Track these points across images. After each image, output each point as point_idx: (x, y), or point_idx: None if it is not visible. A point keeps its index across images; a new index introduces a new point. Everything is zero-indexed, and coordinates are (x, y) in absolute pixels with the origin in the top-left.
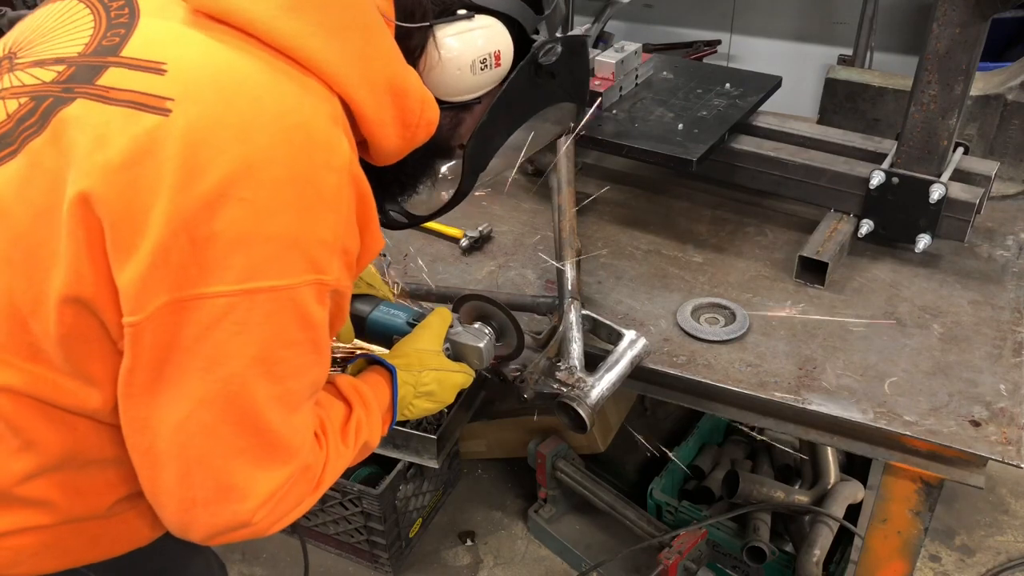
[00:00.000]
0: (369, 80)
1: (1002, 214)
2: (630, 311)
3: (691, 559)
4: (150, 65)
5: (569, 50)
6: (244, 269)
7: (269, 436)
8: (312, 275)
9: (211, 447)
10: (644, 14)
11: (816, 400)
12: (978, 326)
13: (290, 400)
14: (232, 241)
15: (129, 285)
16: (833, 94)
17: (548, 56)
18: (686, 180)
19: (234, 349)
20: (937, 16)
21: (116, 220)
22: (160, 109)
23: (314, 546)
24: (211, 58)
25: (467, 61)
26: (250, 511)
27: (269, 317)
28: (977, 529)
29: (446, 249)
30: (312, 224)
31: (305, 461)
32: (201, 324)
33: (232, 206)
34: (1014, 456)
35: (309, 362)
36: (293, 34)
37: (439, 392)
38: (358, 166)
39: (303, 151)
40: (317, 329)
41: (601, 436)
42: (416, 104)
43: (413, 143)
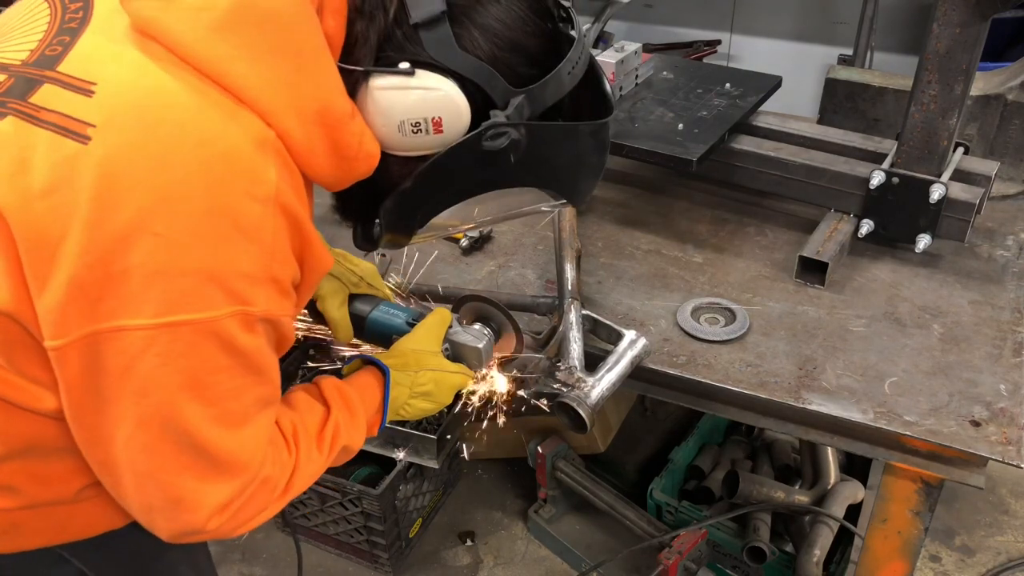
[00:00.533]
0: (297, 108)
1: (1002, 214)
2: (630, 311)
3: (691, 559)
4: (81, 85)
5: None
6: (162, 303)
7: (211, 454)
8: (235, 307)
9: (156, 464)
10: (644, 14)
11: (816, 400)
12: (978, 326)
13: (230, 419)
14: (148, 276)
15: (47, 312)
16: (833, 94)
17: (494, 142)
18: (686, 180)
19: (161, 379)
20: (937, 16)
21: (31, 247)
22: (81, 136)
23: (314, 546)
24: (139, 81)
25: (395, 120)
26: (202, 520)
27: (193, 348)
28: (977, 529)
29: (446, 249)
30: (231, 257)
31: (261, 473)
32: (125, 354)
33: (146, 240)
34: (1014, 456)
35: (246, 383)
36: (217, 59)
37: (436, 392)
38: (290, 194)
39: (222, 182)
40: (249, 355)
41: (601, 436)
42: (353, 137)
43: (352, 175)
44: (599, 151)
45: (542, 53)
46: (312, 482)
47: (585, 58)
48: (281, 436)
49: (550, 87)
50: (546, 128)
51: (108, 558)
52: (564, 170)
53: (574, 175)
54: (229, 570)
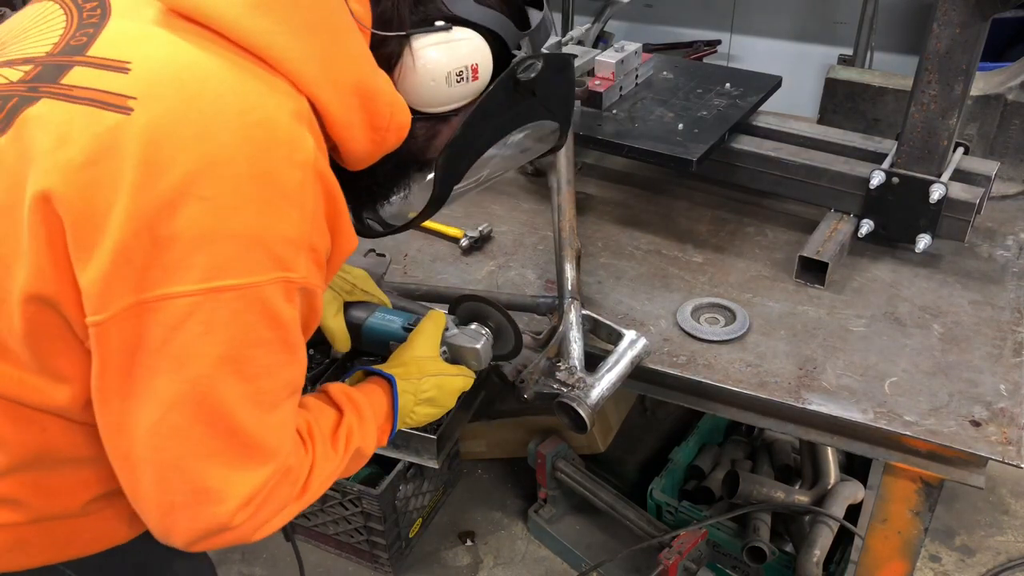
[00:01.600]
0: (334, 80)
1: (1002, 214)
2: (630, 311)
3: (691, 559)
4: (114, 64)
5: (552, 68)
6: (207, 268)
7: (243, 436)
8: (278, 272)
9: (185, 450)
10: (644, 14)
11: (816, 400)
12: (978, 326)
13: (263, 400)
14: (194, 240)
15: (91, 285)
16: (833, 94)
17: (527, 72)
18: (686, 180)
19: (201, 349)
20: (937, 16)
21: (77, 219)
22: (122, 108)
23: (314, 546)
24: (176, 56)
25: (442, 72)
26: (229, 513)
27: (235, 316)
28: (977, 529)
29: (446, 249)
30: (275, 221)
31: (286, 462)
32: (166, 325)
33: (193, 204)
34: (1014, 456)
35: (281, 361)
36: (259, 32)
37: (440, 397)
38: (325, 163)
39: (265, 148)
40: (287, 328)
41: (601, 436)
42: (385, 108)
43: (383, 147)
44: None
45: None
46: (328, 486)
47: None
48: (298, 434)
49: (542, 28)
50: (554, 58)
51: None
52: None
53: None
54: (229, 570)
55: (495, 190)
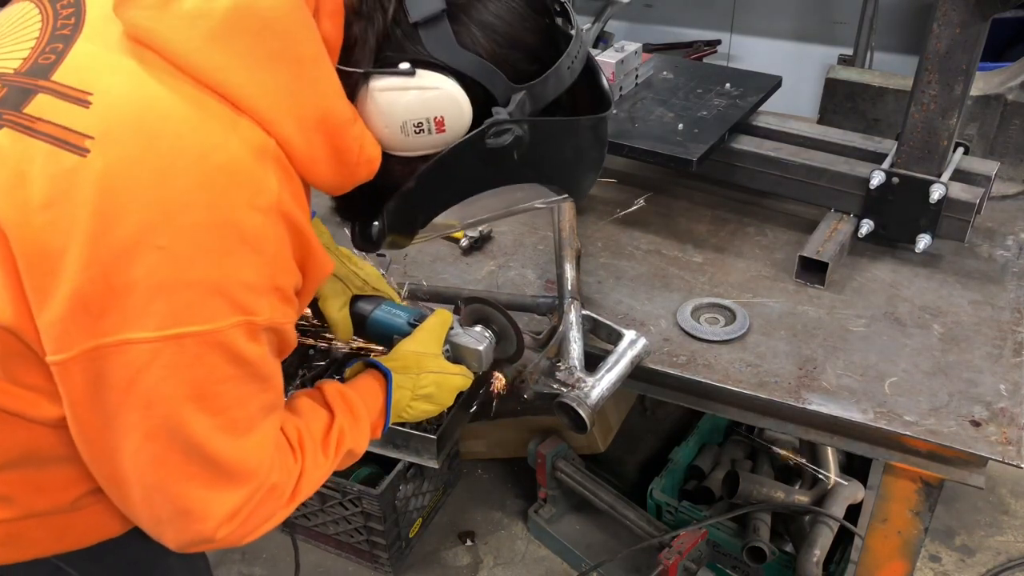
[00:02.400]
0: (297, 116)
1: (1002, 214)
2: (630, 311)
3: (691, 559)
4: (77, 95)
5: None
6: (166, 316)
7: (218, 463)
8: (239, 317)
9: (164, 475)
10: (644, 14)
11: (816, 400)
12: (978, 326)
13: (236, 427)
14: (152, 288)
15: (49, 327)
16: (833, 94)
17: (497, 139)
18: (686, 180)
19: (166, 390)
20: (937, 16)
21: (31, 261)
22: (79, 148)
23: (314, 546)
24: (136, 91)
25: (397, 121)
26: (211, 529)
27: (198, 359)
28: (977, 529)
29: (446, 249)
30: (235, 268)
31: (268, 480)
32: (130, 367)
33: (150, 254)
34: (1014, 456)
35: (251, 391)
36: (213, 68)
37: (438, 394)
38: (291, 202)
39: (224, 194)
40: (253, 363)
41: (601, 436)
42: (353, 142)
43: (354, 180)
44: (598, 145)
45: (541, 49)
46: (318, 487)
47: (583, 53)
48: (287, 442)
49: (551, 82)
50: (548, 124)
51: (106, 566)
52: (566, 165)
53: (575, 170)
54: (229, 570)
55: None
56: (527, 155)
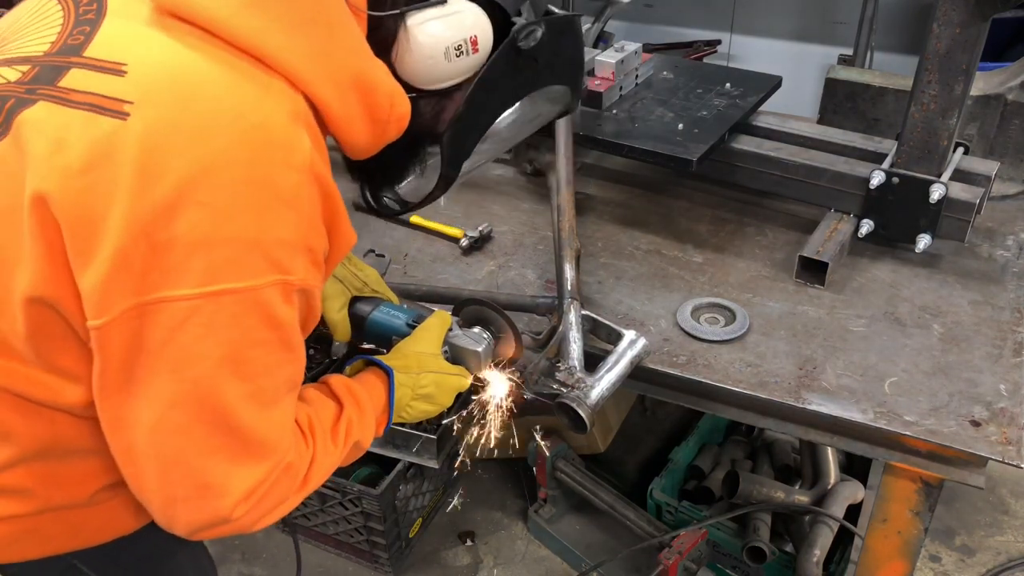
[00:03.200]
0: (333, 76)
1: (1002, 214)
2: (630, 311)
3: (691, 559)
4: (111, 66)
5: (555, 31)
6: (205, 272)
7: (243, 433)
8: (276, 275)
9: (186, 446)
10: (644, 14)
11: (816, 400)
12: (978, 326)
13: (263, 397)
14: (192, 244)
15: (91, 289)
16: (833, 94)
17: (528, 40)
18: (686, 180)
19: (201, 351)
20: (937, 16)
21: (74, 225)
22: (118, 112)
23: (314, 546)
24: (171, 59)
25: (440, 49)
26: (229, 507)
27: (234, 318)
28: (977, 529)
29: (446, 249)
30: (272, 225)
31: (286, 458)
32: (166, 327)
33: (190, 210)
34: (1014, 456)
35: (280, 360)
36: (253, 31)
37: (437, 394)
38: (322, 164)
39: (261, 151)
40: (286, 328)
41: (601, 436)
42: (385, 99)
43: (385, 138)
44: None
45: None
46: (327, 477)
47: None
48: (299, 428)
49: None
50: (556, 21)
51: (118, 564)
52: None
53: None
54: (229, 570)
55: (495, 190)
56: (548, 56)
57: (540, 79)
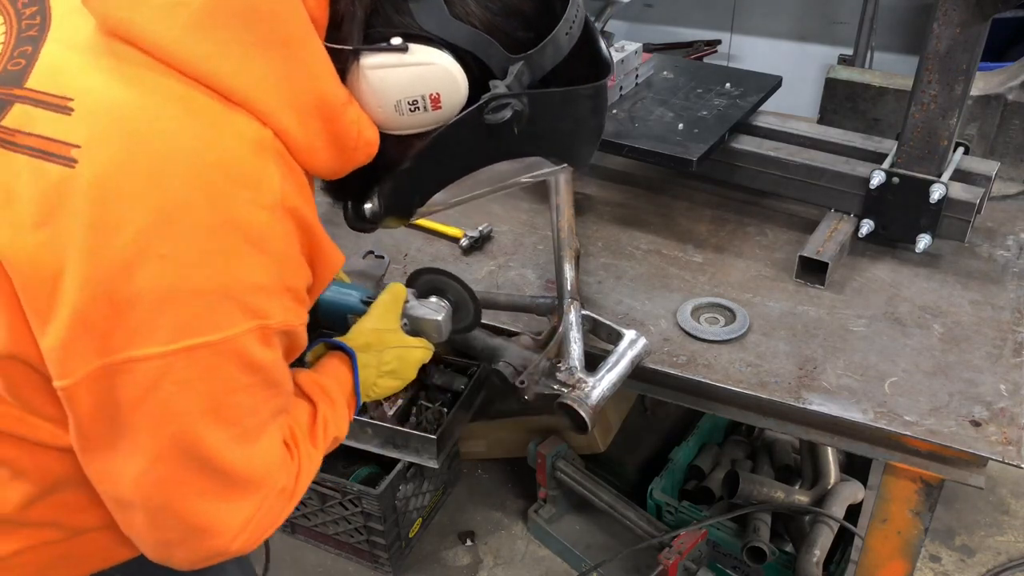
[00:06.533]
0: (295, 103)
1: (1002, 214)
2: (630, 311)
3: (691, 559)
4: (56, 102)
5: (543, 106)
6: (175, 328)
7: (231, 474)
8: (252, 322)
9: (173, 494)
10: (644, 14)
11: (816, 400)
12: (978, 326)
13: (248, 436)
14: (156, 301)
15: (51, 351)
16: (833, 94)
17: (497, 114)
18: (686, 180)
19: (180, 407)
20: (937, 16)
21: (28, 284)
22: (66, 159)
23: (314, 546)
24: (119, 93)
25: (390, 100)
26: (227, 543)
27: (211, 371)
28: (977, 529)
29: (446, 249)
30: (243, 270)
31: (276, 484)
32: (139, 386)
33: (152, 264)
34: (1014, 456)
35: (265, 397)
36: (202, 58)
37: (401, 369)
38: (296, 196)
39: (224, 193)
40: (268, 369)
41: (601, 436)
42: (351, 126)
43: (352, 164)
44: (598, 113)
45: (536, 15)
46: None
47: (581, 17)
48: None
49: (548, 51)
50: (548, 95)
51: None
52: (567, 136)
53: (576, 140)
54: None
55: None
56: (527, 128)
57: (517, 150)
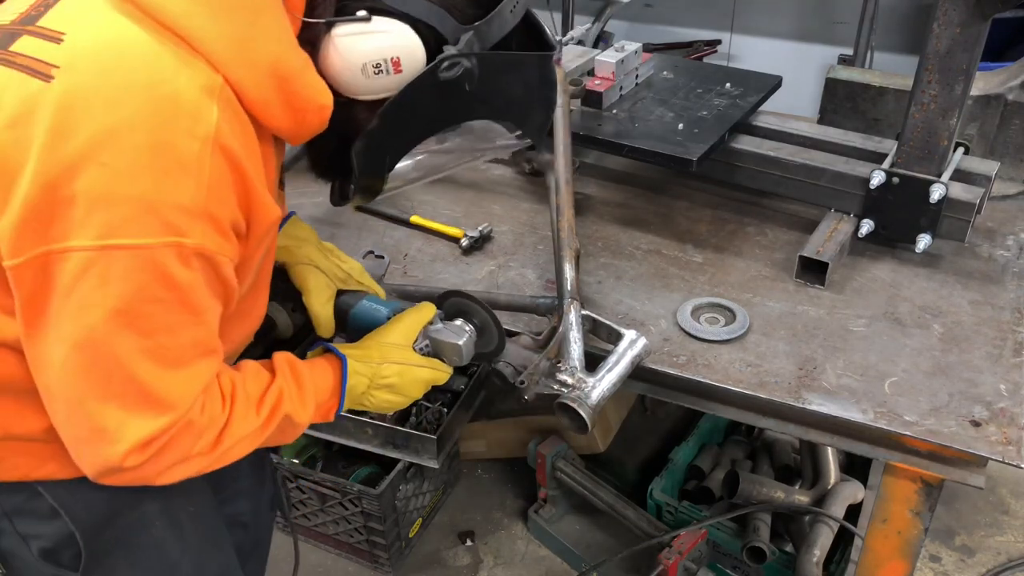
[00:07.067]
0: (249, 60)
1: (1002, 214)
2: (630, 311)
3: (691, 559)
4: (52, 34)
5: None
6: (102, 227)
7: (140, 386)
8: (170, 237)
9: (87, 389)
10: (644, 14)
11: (816, 400)
12: (978, 326)
13: (165, 355)
14: (92, 201)
15: (4, 232)
16: (833, 94)
17: (450, 71)
18: (686, 180)
19: (96, 300)
20: (937, 16)
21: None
22: (46, 75)
23: (314, 546)
24: (104, 31)
25: (356, 64)
26: (120, 455)
27: (129, 274)
28: (977, 529)
29: (446, 249)
30: (169, 189)
31: (187, 417)
32: (70, 274)
33: (93, 169)
34: (1014, 456)
35: (181, 321)
36: (176, 13)
37: (402, 385)
38: (231, 138)
39: (166, 120)
40: (185, 290)
41: (601, 436)
42: (303, 89)
43: (307, 126)
44: (546, 85)
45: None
46: (249, 447)
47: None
48: (218, 390)
49: (495, 23)
50: (494, 57)
51: (82, 500)
52: (515, 100)
53: (525, 106)
54: None
55: (494, 190)
56: (478, 89)
57: (473, 112)
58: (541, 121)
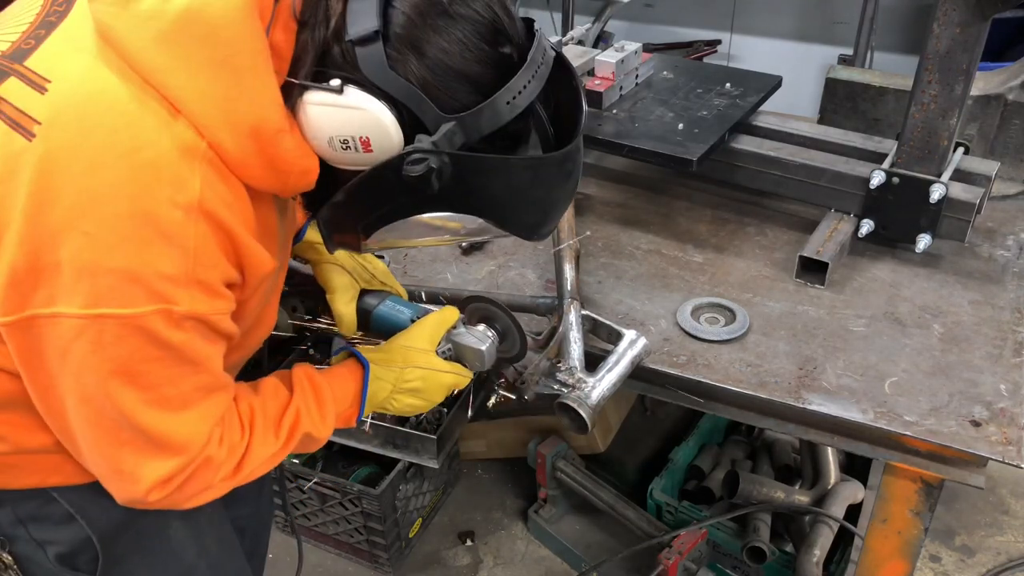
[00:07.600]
0: (231, 122)
1: (1002, 214)
2: (630, 311)
3: (691, 559)
4: (38, 81)
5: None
6: (89, 296)
7: (148, 434)
8: (157, 305)
9: (99, 436)
10: (644, 14)
11: (816, 400)
12: (978, 326)
13: (169, 403)
14: (77, 270)
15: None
16: (833, 94)
17: (415, 167)
18: (686, 180)
19: (93, 363)
20: (937, 16)
21: None
22: (28, 132)
23: (314, 546)
24: (86, 84)
25: (324, 135)
26: (142, 492)
27: (119, 339)
28: (977, 529)
29: (446, 249)
30: (153, 260)
31: (203, 454)
32: (62, 338)
33: (76, 237)
34: (1014, 456)
35: (181, 372)
36: (157, 69)
37: (425, 390)
38: (215, 201)
39: (147, 188)
40: (180, 347)
41: (601, 436)
42: (286, 153)
43: (292, 186)
44: (543, 186)
45: (486, 80)
46: (270, 466)
47: (531, 90)
48: (237, 419)
49: (485, 115)
50: (474, 159)
51: (97, 504)
52: (497, 203)
53: (513, 208)
54: None
55: None
56: (453, 187)
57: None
58: (541, 223)
